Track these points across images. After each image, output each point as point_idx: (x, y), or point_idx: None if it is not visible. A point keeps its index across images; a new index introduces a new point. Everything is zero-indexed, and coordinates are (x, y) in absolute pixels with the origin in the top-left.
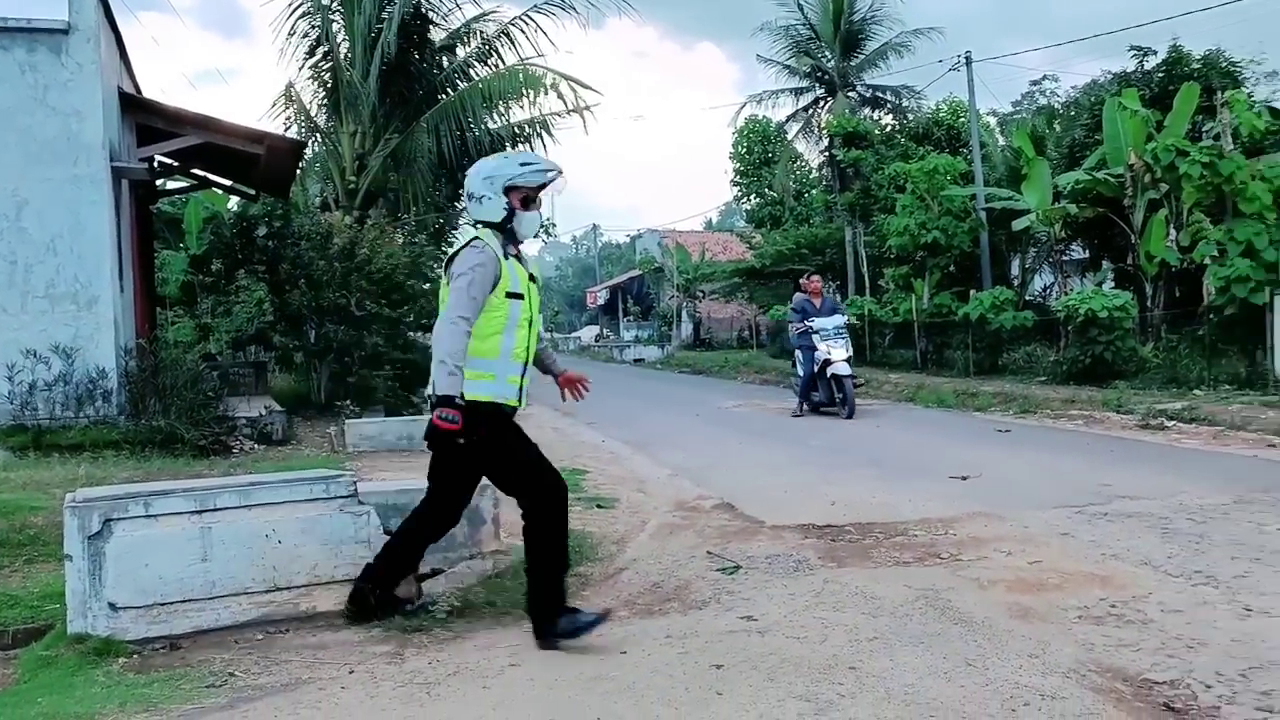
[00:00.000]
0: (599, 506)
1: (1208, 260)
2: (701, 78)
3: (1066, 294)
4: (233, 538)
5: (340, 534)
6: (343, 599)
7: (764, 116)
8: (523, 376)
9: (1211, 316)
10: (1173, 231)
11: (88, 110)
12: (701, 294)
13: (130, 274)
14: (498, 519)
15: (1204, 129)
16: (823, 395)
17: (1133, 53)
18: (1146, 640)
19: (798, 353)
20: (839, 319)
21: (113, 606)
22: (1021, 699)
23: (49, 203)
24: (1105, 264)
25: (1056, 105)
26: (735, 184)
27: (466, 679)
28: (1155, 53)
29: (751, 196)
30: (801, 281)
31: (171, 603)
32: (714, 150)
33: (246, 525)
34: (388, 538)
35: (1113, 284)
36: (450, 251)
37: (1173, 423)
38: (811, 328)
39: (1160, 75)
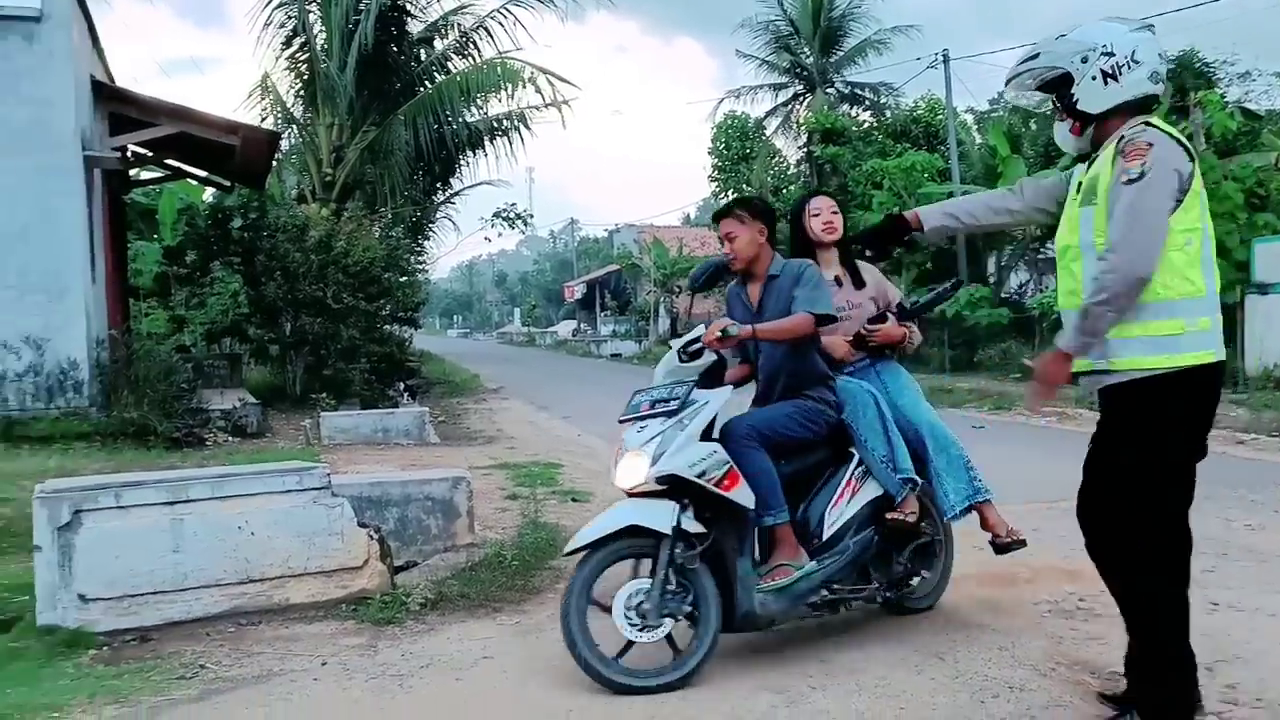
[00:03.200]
0: (574, 500)
1: None
2: (681, 73)
3: (1042, 291)
4: (205, 529)
5: (313, 526)
6: (315, 591)
7: (743, 112)
8: None
9: None
10: None
11: (59, 99)
12: (678, 289)
13: (102, 265)
14: (472, 511)
15: (1178, 129)
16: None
17: None
18: (1114, 634)
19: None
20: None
21: (82, 598)
22: (990, 691)
23: (19, 192)
24: None
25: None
26: (713, 179)
27: (439, 671)
28: None
29: (729, 192)
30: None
31: (142, 594)
32: (693, 145)
33: (219, 517)
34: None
35: None
36: None
37: None
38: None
39: None
